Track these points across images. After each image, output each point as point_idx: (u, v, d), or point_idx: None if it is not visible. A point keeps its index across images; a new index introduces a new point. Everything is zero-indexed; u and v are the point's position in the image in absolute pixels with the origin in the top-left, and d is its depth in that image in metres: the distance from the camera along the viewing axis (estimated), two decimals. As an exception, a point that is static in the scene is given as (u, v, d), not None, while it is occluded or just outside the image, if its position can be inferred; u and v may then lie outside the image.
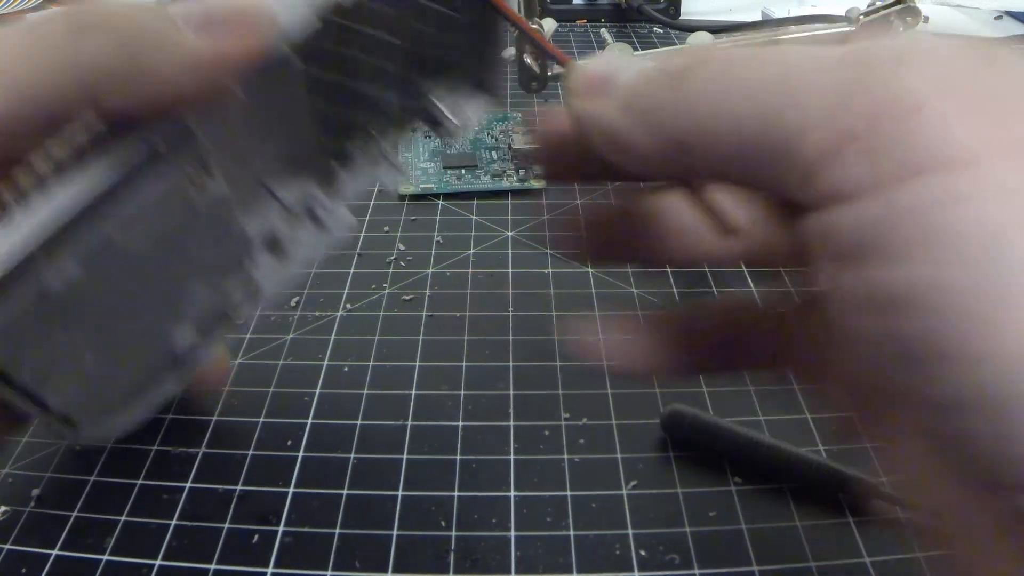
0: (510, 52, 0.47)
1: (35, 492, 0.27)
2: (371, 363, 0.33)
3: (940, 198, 0.10)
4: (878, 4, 0.53)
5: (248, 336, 0.35)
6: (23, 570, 0.25)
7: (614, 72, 0.16)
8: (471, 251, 0.41)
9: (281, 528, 0.26)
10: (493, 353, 0.34)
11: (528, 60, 0.47)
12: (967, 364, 0.10)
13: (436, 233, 0.42)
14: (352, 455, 0.29)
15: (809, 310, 0.17)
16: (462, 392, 0.32)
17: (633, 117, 0.15)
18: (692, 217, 0.18)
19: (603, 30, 0.70)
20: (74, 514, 0.27)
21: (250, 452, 0.29)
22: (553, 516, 0.27)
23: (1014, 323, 0.10)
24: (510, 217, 0.43)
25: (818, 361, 0.16)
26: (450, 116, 0.22)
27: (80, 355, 0.18)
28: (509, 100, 0.57)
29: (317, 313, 0.36)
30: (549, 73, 0.48)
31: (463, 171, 0.47)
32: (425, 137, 0.51)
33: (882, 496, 0.26)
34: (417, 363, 0.33)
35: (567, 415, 0.31)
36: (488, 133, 0.51)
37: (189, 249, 0.19)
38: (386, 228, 0.43)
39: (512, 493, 0.27)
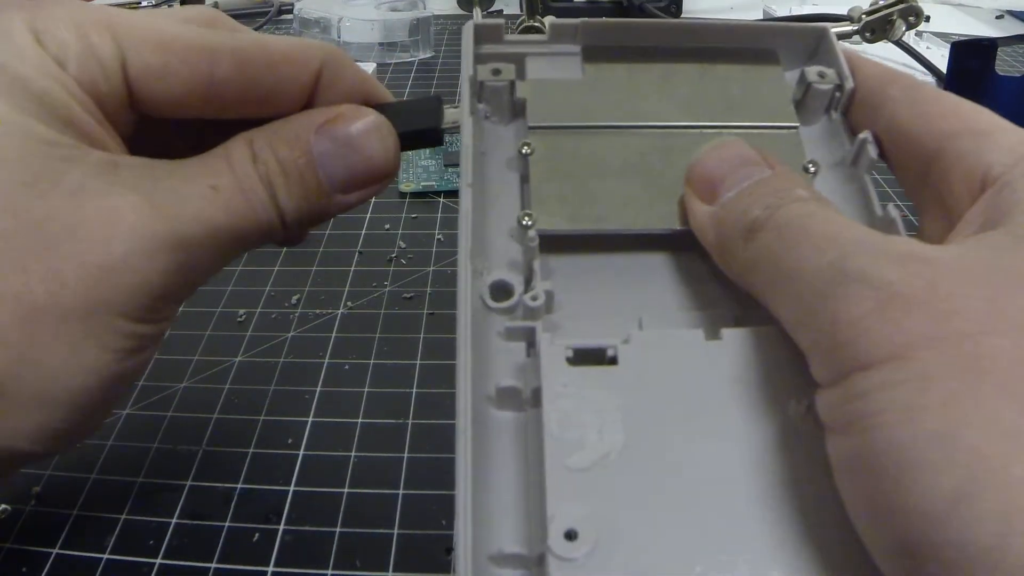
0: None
1: (35, 490, 0.27)
2: (372, 361, 0.33)
3: (870, 386, 0.13)
4: (880, 3, 0.53)
5: (248, 334, 0.35)
6: (23, 569, 0.25)
7: (722, 179, 0.18)
8: (472, 249, 0.40)
9: (282, 527, 0.26)
10: (494, 352, 0.34)
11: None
12: (896, 516, 0.12)
13: (437, 231, 0.42)
14: (353, 453, 0.29)
15: None
16: (463, 391, 0.32)
17: (718, 243, 0.18)
18: None
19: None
20: (74, 512, 0.26)
21: (250, 450, 0.29)
22: (554, 515, 0.27)
23: (920, 485, 0.12)
24: (511, 215, 0.43)
25: None
26: None
27: None
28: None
29: (318, 311, 0.36)
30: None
31: (464, 169, 0.47)
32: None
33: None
34: (418, 361, 0.33)
35: (568, 414, 0.30)
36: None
37: None
38: (387, 226, 0.42)
39: (513, 492, 0.27)
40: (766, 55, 0.22)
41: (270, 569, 0.25)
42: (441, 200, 0.45)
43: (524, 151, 0.20)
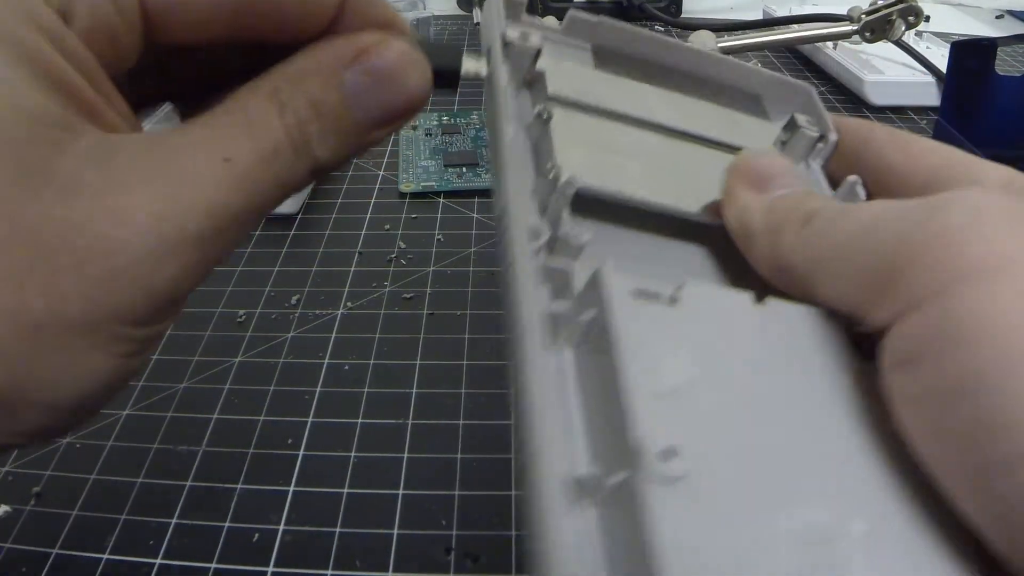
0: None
1: (35, 490, 0.27)
2: (372, 361, 0.33)
3: (972, 300, 0.12)
4: (880, 3, 0.53)
5: (248, 334, 0.35)
6: (23, 569, 0.25)
7: (773, 177, 0.18)
8: (472, 249, 0.40)
9: (281, 527, 0.26)
10: (494, 351, 0.34)
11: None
12: (1008, 428, 0.12)
13: (437, 231, 0.42)
14: (352, 454, 0.29)
15: None
16: (463, 390, 0.32)
17: (766, 227, 0.18)
18: None
19: (604, 28, 0.70)
20: (74, 513, 0.27)
21: (250, 450, 0.29)
22: (554, 515, 0.27)
23: None
24: (511, 215, 0.43)
25: None
26: None
27: None
28: (510, 98, 0.57)
29: (317, 311, 0.36)
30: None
31: (464, 169, 0.47)
32: (427, 135, 0.51)
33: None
34: (418, 361, 0.33)
35: (568, 414, 0.31)
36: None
37: None
38: (387, 226, 0.42)
39: (513, 492, 0.27)
40: (754, 99, 0.23)
41: (270, 569, 0.25)
42: (441, 200, 0.45)
43: (544, 115, 0.19)
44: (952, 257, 0.13)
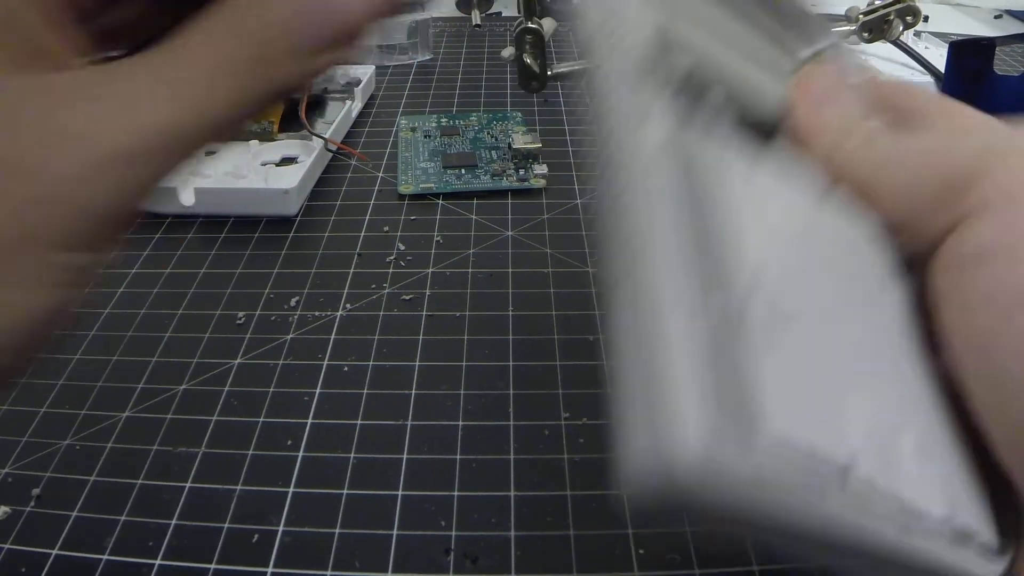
0: (509, 51, 0.47)
1: (35, 491, 0.27)
2: (371, 363, 0.33)
3: None
4: (877, 3, 0.53)
5: (248, 336, 0.35)
6: (22, 570, 0.25)
7: (838, 100, 0.18)
8: (471, 250, 0.41)
9: (281, 528, 0.26)
10: (493, 353, 0.34)
11: (528, 60, 0.47)
12: None
13: (436, 233, 0.42)
14: (352, 455, 0.29)
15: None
16: (462, 392, 0.32)
17: (831, 135, 0.17)
18: None
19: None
20: (74, 514, 0.27)
21: (250, 452, 0.29)
22: (553, 516, 0.27)
23: None
24: (510, 216, 0.43)
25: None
26: None
27: None
28: (509, 99, 0.57)
29: (317, 313, 0.36)
30: (549, 72, 0.48)
31: (463, 170, 0.47)
32: (425, 137, 0.51)
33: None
34: (417, 363, 0.33)
35: (567, 414, 0.31)
36: (488, 132, 0.51)
37: None
38: (386, 228, 0.43)
39: (512, 493, 0.27)
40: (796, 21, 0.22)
41: (269, 570, 0.25)
42: (440, 202, 0.45)
43: None
44: None
